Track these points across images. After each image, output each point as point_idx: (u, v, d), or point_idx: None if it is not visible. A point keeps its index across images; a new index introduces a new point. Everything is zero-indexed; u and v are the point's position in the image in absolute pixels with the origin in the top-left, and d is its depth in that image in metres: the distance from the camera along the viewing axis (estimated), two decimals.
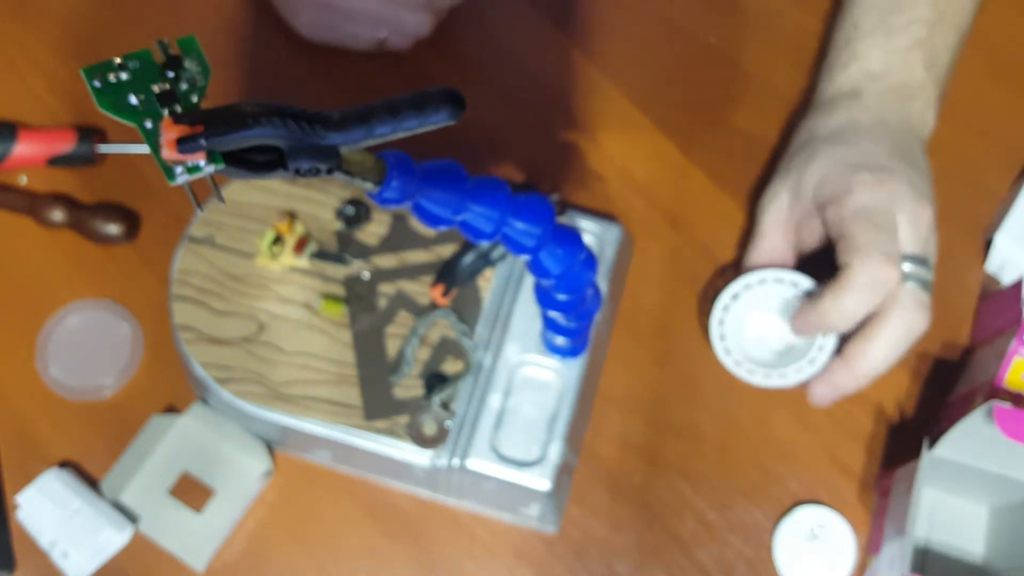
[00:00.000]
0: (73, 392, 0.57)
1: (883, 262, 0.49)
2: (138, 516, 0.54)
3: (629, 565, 0.55)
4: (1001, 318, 0.58)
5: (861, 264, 0.49)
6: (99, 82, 0.34)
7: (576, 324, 0.51)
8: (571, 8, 0.69)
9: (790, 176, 0.55)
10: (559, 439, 0.52)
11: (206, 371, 0.53)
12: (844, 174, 0.52)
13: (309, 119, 0.33)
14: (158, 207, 0.62)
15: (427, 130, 0.35)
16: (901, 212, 0.51)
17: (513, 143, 0.64)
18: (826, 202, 0.52)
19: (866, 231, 0.50)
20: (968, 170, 0.64)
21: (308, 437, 0.53)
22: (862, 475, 0.57)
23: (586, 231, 0.57)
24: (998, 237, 0.61)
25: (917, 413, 0.59)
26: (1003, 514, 0.54)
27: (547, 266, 0.44)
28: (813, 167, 0.54)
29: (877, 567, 0.53)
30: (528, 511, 0.54)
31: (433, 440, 0.52)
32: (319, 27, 0.64)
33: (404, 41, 0.64)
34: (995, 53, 0.67)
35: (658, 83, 0.66)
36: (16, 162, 0.61)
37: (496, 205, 0.41)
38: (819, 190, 0.53)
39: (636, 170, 0.64)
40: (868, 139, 0.54)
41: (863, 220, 0.50)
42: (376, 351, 0.54)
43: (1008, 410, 0.49)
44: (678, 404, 0.58)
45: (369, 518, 0.56)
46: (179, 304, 0.54)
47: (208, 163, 0.33)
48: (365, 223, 0.57)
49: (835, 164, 0.53)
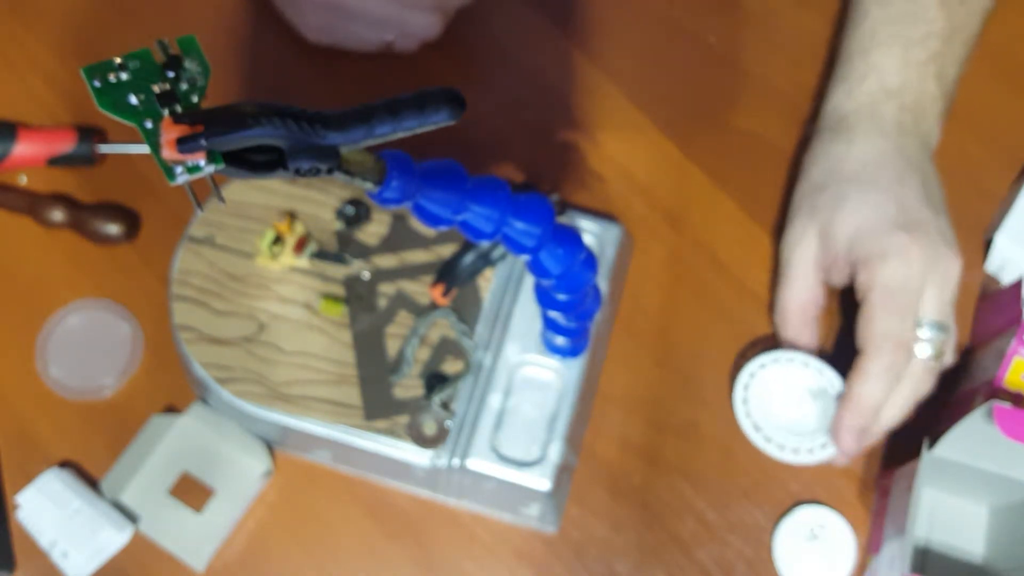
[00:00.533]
0: (73, 392, 0.57)
1: (895, 351, 0.51)
2: (138, 516, 0.54)
3: (629, 565, 0.55)
4: (1001, 318, 0.57)
5: (875, 354, 0.51)
6: (99, 82, 0.34)
7: (576, 324, 0.51)
8: (571, 8, 0.69)
9: (817, 217, 0.55)
10: (559, 439, 0.52)
11: (206, 371, 0.53)
12: (877, 232, 0.52)
13: (309, 119, 0.33)
14: (158, 207, 0.62)
15: (427, 130, 0.35)
16: (932, 275, 0.51)
17: (513, 143, 0.64)
18: (858, 261, 0.53)
19: (886, 315, 0.51)
20: (968, 170, 0.64)
21: (308, 437, 0.53)
22: (862, 475, 0.57)
23: (586, 231, 0.57)
24: (998, 237, 0.61)
25: (917, 413, 0.58)
26: (1003, 514, 0.54)
27: (547, 266, 0.44)
28: (844, 215, 0.54)
29: (877, 567, 0.53)
30: (528, 511, 0.54)
31: (433, 440, 0.52)
32: (325, 30, 0.63)
33: (410, 44, 0.63)
34: (995, 53, 0.67)
35: (658, 83, 0.66)
36: (16, 162, 0.61)
37: (496, 205, 0.41)
38: (852, 246, 0.53)
39: (636, 170, 0.64)
40: (897, 180, 0.54)
41: (888, 301, 0.51)
42: (376, 351, 0.54)
43: (1008, 410, 0.49)
44: (678, 404, 0.58)
45: (369, 518, 0.56)
46: (179, 304, 0.54)
47: (208, 163, 0.33)
48: (365, 223, 0.57)
49: (868, 217, 0.53)
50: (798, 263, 0.56)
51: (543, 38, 0.68)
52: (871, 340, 0.51)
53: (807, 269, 0.55)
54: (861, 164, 0.55)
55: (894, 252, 0.51)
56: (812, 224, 0.55)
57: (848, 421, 0.52)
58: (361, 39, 0.63)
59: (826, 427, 0.55)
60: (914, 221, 0.52)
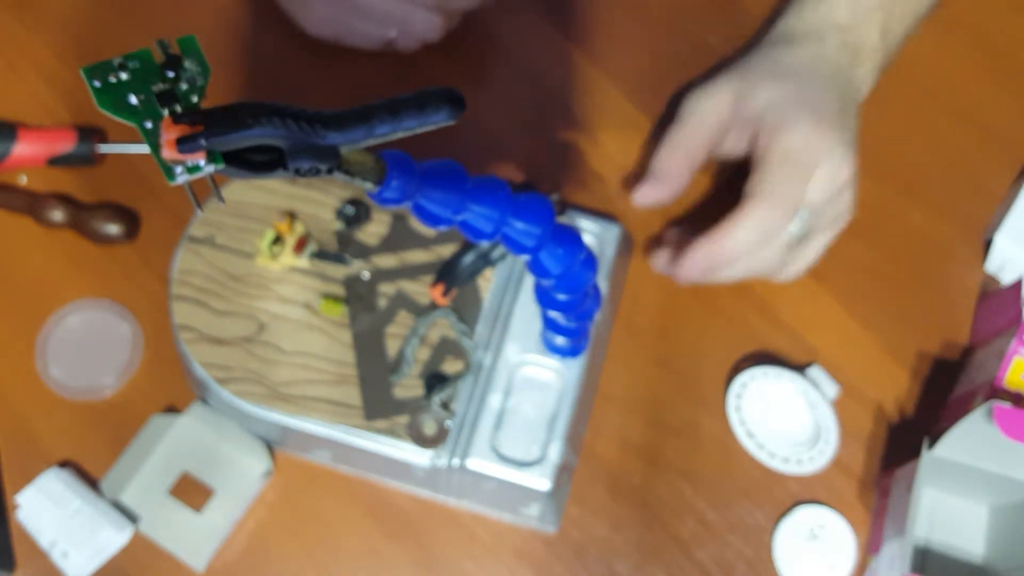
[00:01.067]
0: (73, 392, 0.57)
1: (776, 207, 0.51)
2: (138, 516, 0.54)
3: (629, 565, 0.55)
4: (1001, 318, 0.58)
5: (762, 202, 0.51)
6: (99, 82, 0.34)
7: (576, 324, 0.51)
8: (571, 8, 0.69)
9: (739, 79, 0.55)
10: (559, 439, 0.52)
11: (206, 371, 0.53)
12: (790, 108, 0.53)
13: (309, 119, 0.33)
14: (158, 207, 0.62)
15: (427, 130, 0.35)
16: (826, 163, 0.52)
17: (513, 143, 0.64)
18: (762, 128, 0.53)
19: (782, 173, 0.52)
20: (968, 170, 0.64)
21: (308, 437, 0.53)
22: (862, 475, 0.57)
23: (586, 231, 0.57)
24: (998, 237, 0.61)
25: (917, 413, 0.59)
26: (1003, 514, 0.54)
27: (547, 266, 0.44)
28: (767, 85, 0.54)
29: (877, 567, 0.53)
30: (528, 511, 0.54)
31: (433, 440, 0.52)
32: (329, 23, 0.63)
33: (412, 42, 0.63)
34: (995, 53, 0.67)
35: (658, 83, 0.66)
36: (16, 162, 0.61)
37: (496, 205, 0.41)
38: (764, 112, 0.53)
39: (636, 170, 0.64)
40: (822, 87, 0.55)
41: (785, 161, 0.52)
42: (376, 351, 0.54)
43: (1008, 410, 0.49)
44: (678, 404, 0.58)
45: (369, 518, 0.56)
46: (179, 304, 0.54)
47: (208, 163, 0.33)
48: (365, 223, 0.57)
49: (786, 95, 0.54)
50: (705, 111, 0.55)
51: (543, 38, 0.68)
52: (757, 192, 0.51)
53: (710, 119, 0.55)
54: (799, 66, 0.56)
55: (799, 127, 0.52)
56: (730, 84, 0.55)
57: (701, 253, 0.52)
58: (363, 34, 0.63)
59: (819, 438, 0.55)
60: (824, 117, 0.53)
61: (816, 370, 0.58)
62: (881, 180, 0.55)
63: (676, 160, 0.55)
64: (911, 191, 0.64)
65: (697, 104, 0.56)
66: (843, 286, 0.61)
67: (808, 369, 0.58)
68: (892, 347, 0.60)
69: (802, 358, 0.59)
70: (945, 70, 0.66)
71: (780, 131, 0.52)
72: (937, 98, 0.66)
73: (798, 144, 0.52)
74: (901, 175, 0.64)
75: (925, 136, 0.65)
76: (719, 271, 0.53)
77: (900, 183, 0.62)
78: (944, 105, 0.66)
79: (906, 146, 0.65)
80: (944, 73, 0.66)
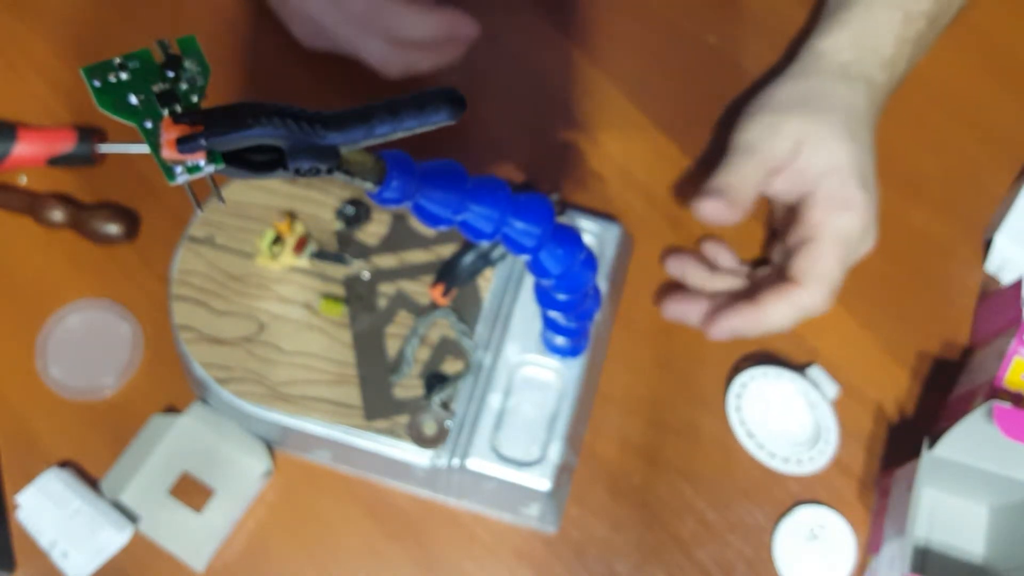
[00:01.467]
0: (73, 392, 0.57)
1: (821, 294, 0.52)
2: (138, 516, 0.54)
3: (629, 565, 0.55)
4: (1001, 318, 0.58)
5: (812, 287, 0.52)
6: (99, 82, 0.34)
7: (576, 324, 0.51)
8: (572, 9, 0.69)
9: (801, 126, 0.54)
10: (559, 439, 0.52)
11: (206, 371, 0.53)
12: (848, 182, 0.53)
13: (309, 119, 0.33)
14: (158, 207, 0.62)
15: (427, 130, 0.35)
16: (868, 235, 0.53)
17: (513, 143, 0.64)
18: (818, 196, 0.53)
19: (835, 258, 0.52)
20: (968, 170, 0.64)
21: (308, 437, 0.53)
22: (862, 475, 0.57)
23: (586, 231, 0.57)
24: (998, 237, 0.61)
25: (917, 413, 0.59)
26: (1003, 514, 0.54)
27: (547, 266, 0.44)
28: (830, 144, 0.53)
29: (877, 567, 0.53)
30: (528, 511, 0.54)
31: (433, 440, 0.52)
32: (312, 38, 0.62)
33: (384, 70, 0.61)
34: (995, 53, 0.67)
35: (658, 83, 0.67)
36: (16, 162, 0.61)
37: (496, 205, 0.41)
38: (821, 179, 0.53)
39: (636, 170, 0.64)
40: (869, 145, 0.55)
41: (839, 248, 0.52)
42: (376, 351, 0.54)
43: (1008, 410, 0.49)
44: (678, 404, 0.58)
45: (369, 518, 0.56)
46: (179, 304, 0.54)
47: (208, 163, 0.33)
48: (365, 223, 0.57)
49: (845, 162, 0.53)
50: (763, 150, 0.54)
51: (543, 38, 0.68)
52: (810, 275, 0.52)
53: (776, 154, 0.54)
54: (851, 108, 0.55)
55: (858, 208, 0.52)
56: (794, 129, 0.54)
57: (738, 322, 0.53)
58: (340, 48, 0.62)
59: (819, 438, 0.55)
60: (870, 184, 0.54)
61: (816, 370, 0.58)
62: (881, 180, 0.55)
63: (747, 186, 0.55)
64: (912, 191, 0.64)
65: (758, 143, 0.55)
66: (843, 286, 0.61)
67: (808, 369, 0.58)
68: (892, 347, 0.60)
69: (802, 358, 0.59)
70: (946, 71, 0.66)
71: (836, 211, 0.52)
72: (938, 98, 0.66)
73: (853, 227, 0.52)
74: (902, 175, 0.63)
75: (925, 136, 0.65)
76: (749, 335, 0.54)
77: (901, 183, 0.62)
78: (945, 105, 0.66)
79: (906, 146, 0.65)
80: (945, 74, 0.66)
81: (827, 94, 0.56)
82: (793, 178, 0.54)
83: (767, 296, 0.52)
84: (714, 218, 0.53)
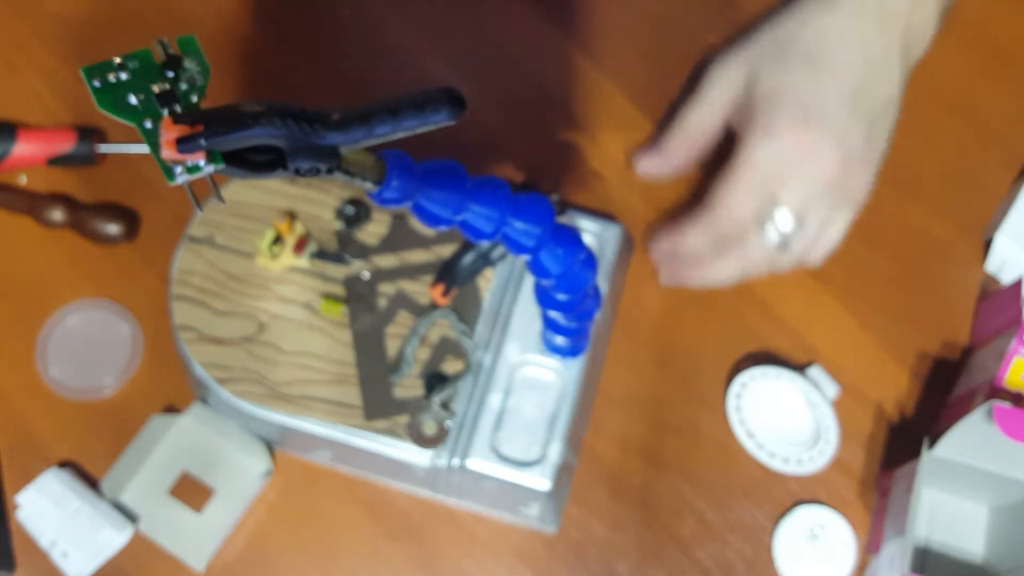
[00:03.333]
0: (73, 392, 0.57)
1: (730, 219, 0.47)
2: (138, 516, 0.54)
3: (629, 565, 0.55)
4: (1001, 318, 0.58)
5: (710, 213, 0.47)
6: (99, 82, 0.34)
7: (576, 324, 0.51)
8: (571, 8, 0.69)
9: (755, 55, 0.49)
10: (559, 439, 0.52)
11: (206, 371, 0.53)
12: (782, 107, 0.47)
13: (309, 119, 0.33)
14: (158, 207, 0.62)
15: (427, 130, 0.35)
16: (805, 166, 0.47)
17: (513, 143, 0.64)
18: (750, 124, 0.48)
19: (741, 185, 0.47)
20: (968, 170, 0.64)
21: (308, 437, 0.53)
22: (862, 475, 0.57)
23: (586, 231, 0.57)
24: (998, 237, 0.61)
25: (917, 413, 0.59)
26: (1003, 514, 0.54)
27: (547, 266, 0.44)
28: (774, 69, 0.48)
29: (877, 567, 0.53)
30: (528, 511, 0.54)
31: (433, 440, 0.52)
32: None
33: None
34: (995, 53, 0.67)
35: (658, 83, 0.66)
36: (16, 162, 0.61)
37: (496, 205, 0.41)
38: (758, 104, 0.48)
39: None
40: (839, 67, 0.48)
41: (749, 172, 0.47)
42: (376, 351, 0.54)
43: (1008, 410, 0.49)
44: (678, 404, 0.58)
45: (369, 518, 0.56)
46: (179, 304, 0.54)
47: (208, 163, 0.33)
48: (365, 223, 0.57)
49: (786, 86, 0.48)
50: (719, 88, 0.50)
51: (543, 38, 0.68)
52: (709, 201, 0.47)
53: (724, 97, 0.50)
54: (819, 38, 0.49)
55: (780, 134, 0.47)
56: (748, 58, 0.49)
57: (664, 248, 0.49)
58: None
59: (819, 438, 0.56)
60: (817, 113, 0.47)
61: (816, 370, 0.58)
62: (881, 180, 0.55)
63: (683, 134, 0.51)
64: (911, 191, 0.64)
65: (712, 79, 0.51)
66: (843, 286, 0.61)
67: (808, 369, 0.58)
68: (892, 347, 0.60)
69: (802, 358, 0.59)
70: (945, 70, 0.66)
71: (757, 136, 0.47)
72: (937, 98, 0.66)
73: (770, 154, 0.47)
74: (901, 175, 0.63)
75: (925, 136, 0.65)
76: (688, 272, 0.50)
77: (900, 183, 0.62)
78: (944, 105, 0.66)
79: (906, 146, 0.64)
80: (944, 73, 0.66)
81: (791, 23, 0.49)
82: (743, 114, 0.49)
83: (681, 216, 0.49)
84: (646, 171, 0.51)
